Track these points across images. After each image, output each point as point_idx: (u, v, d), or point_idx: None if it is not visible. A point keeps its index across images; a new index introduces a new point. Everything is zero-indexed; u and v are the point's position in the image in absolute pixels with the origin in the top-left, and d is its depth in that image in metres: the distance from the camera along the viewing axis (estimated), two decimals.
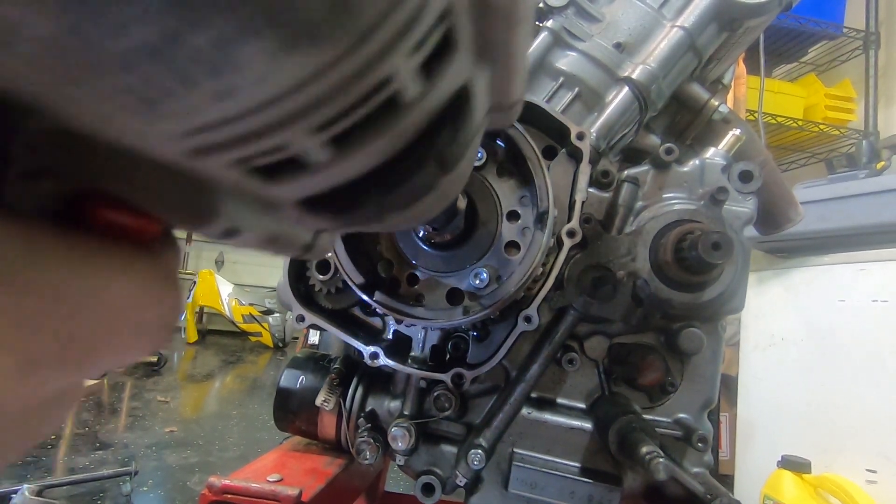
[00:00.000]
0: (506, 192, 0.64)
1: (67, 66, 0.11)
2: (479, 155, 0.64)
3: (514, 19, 0.18)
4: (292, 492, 0.67)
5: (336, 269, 0.66)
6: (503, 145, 0.64)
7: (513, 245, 0.64)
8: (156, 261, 0.20)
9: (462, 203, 0.52)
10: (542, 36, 0.76)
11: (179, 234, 0.22)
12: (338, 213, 0.19)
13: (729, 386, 2.17)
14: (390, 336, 0.76)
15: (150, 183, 0.17)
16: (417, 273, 0.65)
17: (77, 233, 0.17)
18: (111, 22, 0.10)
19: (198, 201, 0.17)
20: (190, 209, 0.18)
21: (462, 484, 0.71)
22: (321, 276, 0.70)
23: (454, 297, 0.64)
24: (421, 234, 0.63)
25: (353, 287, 0.62)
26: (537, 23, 0.77)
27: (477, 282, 0.61)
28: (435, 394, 0.73)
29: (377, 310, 0.62)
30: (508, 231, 0.64)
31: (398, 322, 0.76)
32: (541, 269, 0.65)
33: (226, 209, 0.18)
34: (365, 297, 0.61)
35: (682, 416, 0.74)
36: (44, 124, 0.15)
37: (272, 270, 6.07)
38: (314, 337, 2.58)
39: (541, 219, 0.60)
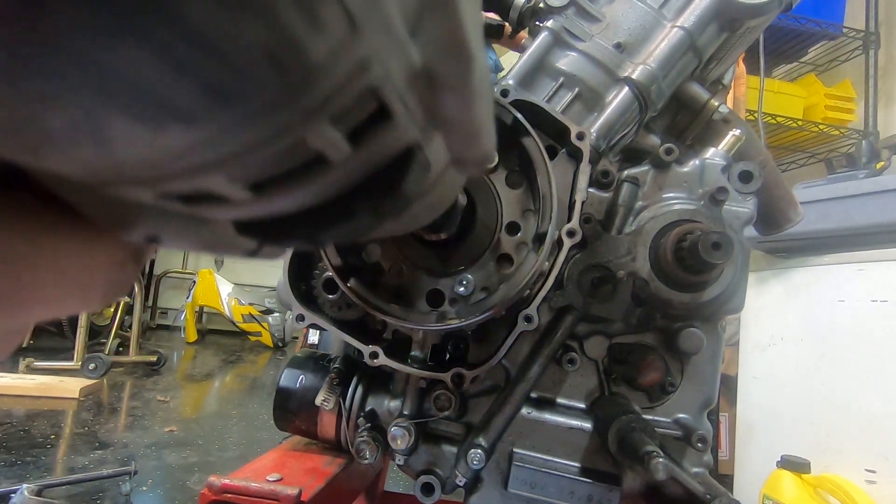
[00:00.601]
0: (511, 202, 0.62)
1: None
2: None
3: (467, 95, 0.17)
4: (292, 491, 0.67)
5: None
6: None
7: (506, 258, 0.61)
8: None
9: (462, 201, 0.51)
10: (543, 36, 0.76)
11: None
12: (269, 237, 0.19)
13: (729, 386, 2.17)
14: (390, 335, 0.76)
15: (65, 183, 0.17)
16: (403, 266, 0.62)
17: (22, 198, 0.17)
18: None
19: (115, 210, 0.17)
20: (106, 214, 0.17)
21: (462, 483, 0.71)
22: (330, 296, 0.69)
23: (435, 298, 0.62)
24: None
25: (330, 269, 0.59)
26: (537, 23, 0.77)
27: (461, 289, 0.59)
28: (435, 393, 0.73)
29: (351, 298, 0.59)
30: (505, 243, 0.61)
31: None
32: (527, 292, 0.62)
33: (146, 220, 0.18)
34: (339, 282, 0.59)
35: (681, 415, 0.74)
36: None
37: (272, 270, 6.06)
38: (314, 336, 2.57)
39: (540, 239, 0.58)
